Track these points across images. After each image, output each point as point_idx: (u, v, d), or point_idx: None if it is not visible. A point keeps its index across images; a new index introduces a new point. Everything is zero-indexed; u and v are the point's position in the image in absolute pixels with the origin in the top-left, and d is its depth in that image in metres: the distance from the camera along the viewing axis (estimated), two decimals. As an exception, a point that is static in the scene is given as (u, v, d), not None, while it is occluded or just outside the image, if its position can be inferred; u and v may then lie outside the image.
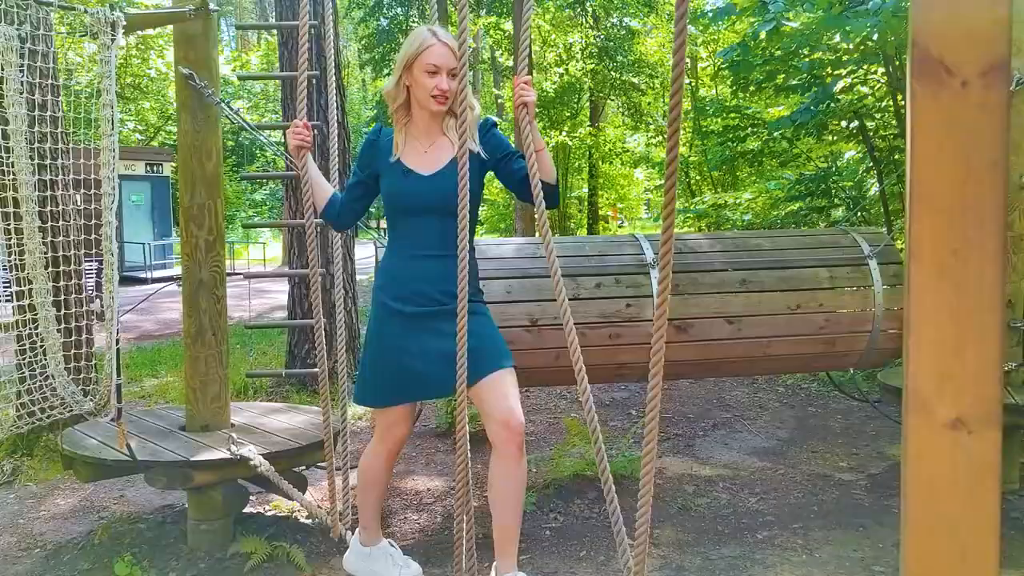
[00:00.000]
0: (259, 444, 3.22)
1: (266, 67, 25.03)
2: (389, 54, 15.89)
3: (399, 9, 15.93)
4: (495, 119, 2.89)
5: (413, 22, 15.77)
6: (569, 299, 3.50)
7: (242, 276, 4.86)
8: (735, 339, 3.62)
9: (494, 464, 2.65)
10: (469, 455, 2.57)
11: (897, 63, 6.24)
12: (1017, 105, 3.72)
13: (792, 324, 3.65)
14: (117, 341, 2.90)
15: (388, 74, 16.20)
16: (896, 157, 7.20)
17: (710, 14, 6.91)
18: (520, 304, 3.52)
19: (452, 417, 4.83)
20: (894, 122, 7.12)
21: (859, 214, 7.64)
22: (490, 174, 2.79)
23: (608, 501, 1.93)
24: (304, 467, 3.57)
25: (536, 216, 2.31)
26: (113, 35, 2.76)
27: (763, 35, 5.62)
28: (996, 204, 0.83)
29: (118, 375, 2.92)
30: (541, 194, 2.23)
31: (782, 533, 3.43)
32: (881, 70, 6.78)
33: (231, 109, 3.54)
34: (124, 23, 2.79)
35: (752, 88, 7.33)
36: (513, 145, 2.72)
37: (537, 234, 2.41)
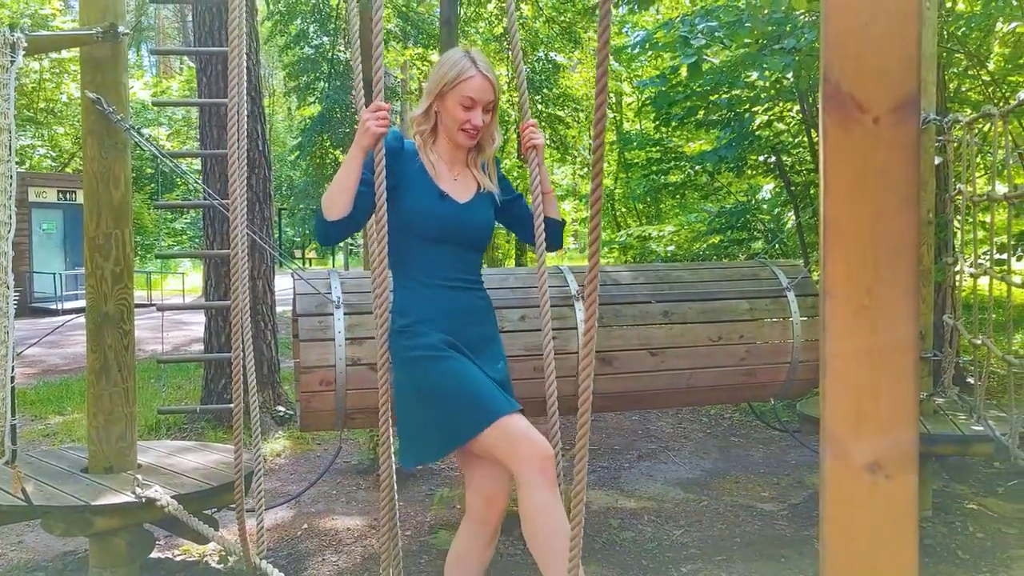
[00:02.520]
0: (167, 486, 3.07)
1: (187, 93, 24.53)
2: (314, 82, 15.73)
3: (324, 38, 15.82)
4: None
5: (339, 51, 15.67)
6: (492, 332, 3.46)
7: (156, 308, 4.66)
8: (658, 371, 3.63)
9: (532, 502, 2.15)
10: (395, 491, 2.48)
11: (811, 100, 6.45)
12: (924, 143, 3.86)
13: (714, 355, 3.68)
14: (12, 379, 2.72)
15: (314, 102, 16.08)
16: (811, 191, 7.43)
17: (635, 49, 7.03)
18: (443, 337, 3.45)
19: (374, 452, 4.71)
20: (809, 157, 7.35)
21: (777, 246, 7.83)
22: None
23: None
24: (216, 509, 3.41)
25: (537, 255, 2.44)
26: (12, 57, 2.62)
27: (684, 70, 5.74)
28: (909, 241, 0.82)
29: (13, 415, 2.74)
30: (543, 234, 2.40)
31: (706, 566, 3.42)
32: (796, 107, 6.99)
33: (142, 136, 3.40)
34: (25, 44, 2.65)
35: (674, 123, 7.47)
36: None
37: (538, 271, 2.44)
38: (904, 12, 0.79)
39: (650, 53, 7.66)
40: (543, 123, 15.31)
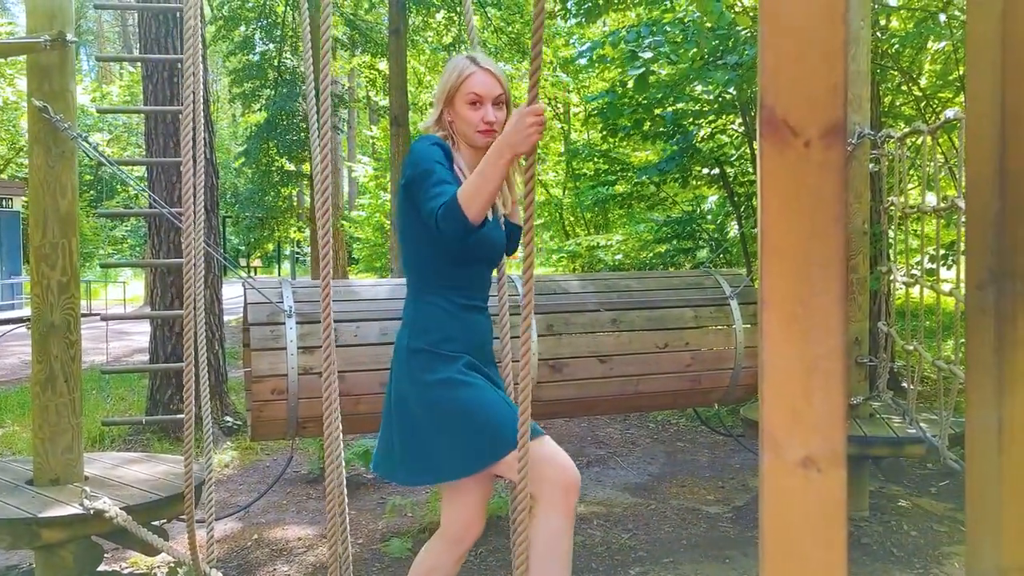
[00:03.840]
0: (115, 497, 3.04)
1: (128, 99, 24.05)
2: (260, 89, 15.59)
3: (270, 45, 15.69)
4: None
5: (286, 58, 15.56)
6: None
7: (99, 317, 4.60)
8: (607, 378, 3.71)
9: (549, 526, 2.13)
10: (346, 499, 2.50)
11: (752, 114, 6.63)
12: (859, 157, 4.02)
13: (661, 362, 3.78)
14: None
15: (260, 109, 15.93)
16: (754, 202, 7.62)
17: (583, 60, 7.16)
18: (395, 346, 3.48)
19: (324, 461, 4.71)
20: (751, 168, 7.55)
21: (721, 255, 8.02)
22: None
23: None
24: (165, 520, 3.38)
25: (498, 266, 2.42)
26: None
27: (631, 82, 5.86)
28: (839, 256, 0.89)
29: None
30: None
31: (653, 568, 3.50)
32: (739, 120, 7.19)
33: (90, 145, 3.37)
34: (-30, 51, 2.62)
35: (620, 134, 7.61)
36: None
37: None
38: (832, 47, 0.87)
39: (598, 65, 7.80)
40: (492, 132, 15.38)
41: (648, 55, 5.89)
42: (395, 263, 12.19)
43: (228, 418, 5.99)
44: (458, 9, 13.08)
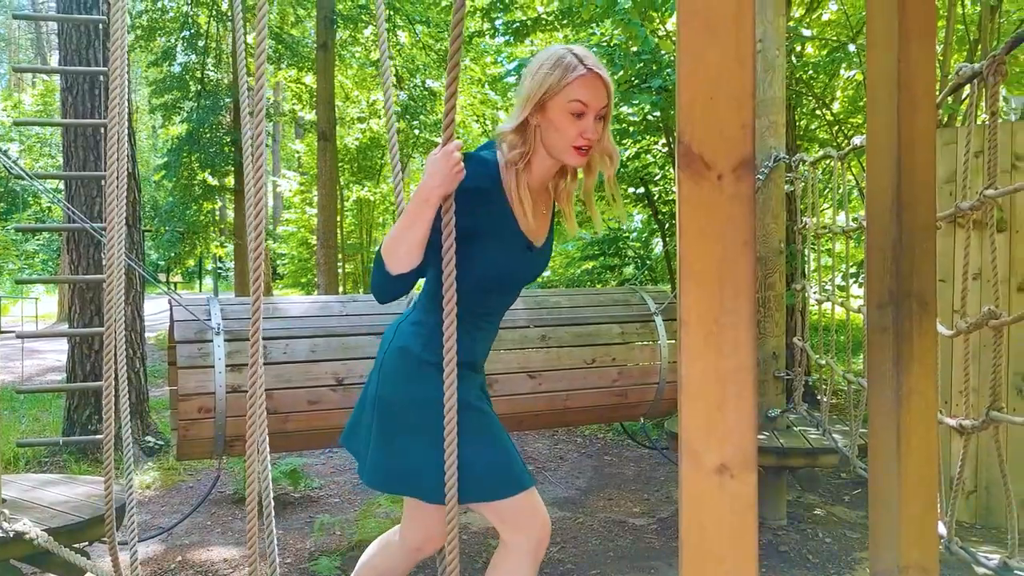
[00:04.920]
0: (34, 520, 2.95)
1: (41, 108, 23.24)
2: (181, 101, 15.28)
3: (192, 56, 15.41)
4: None
5: (209, 70, 15.30)
6: (376, 356, 3.53)
7: (15, 335, 4.45)
8: (537, 393, 3.78)
9: (517, 570, 2.08)
10: (274, 519, 2.50)
11: (676, 135, 6.84)
12: (775, 179, 4.21)
13: (588, 378, 3.87)
14: None
15: (184, 121, 15.60)
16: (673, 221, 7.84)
17: (511, 78, 7.28)
18: (326, 363, 3.49)
19: (251, 481, 4.65)
20: (674, 188, 7.76)
21: (646, 272, 8.21)
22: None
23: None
24: (86, 543, 3.30)
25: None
26: None
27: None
28: (748, 279, 0.97)
29: None
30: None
31: (581, 579, 3.57)
32: (662, 141, 7.40)
33: (7, 157, 3.29)
34: None
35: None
36: None
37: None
38: (742, 89, 0.96)
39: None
40: (419, 149, 15.44)
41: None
42: (322, 279, 12.11)
43: (149, 438, 5.85)
44: (387, 25, 13.10)
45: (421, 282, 2.05)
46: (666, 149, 7.45)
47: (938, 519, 1.75)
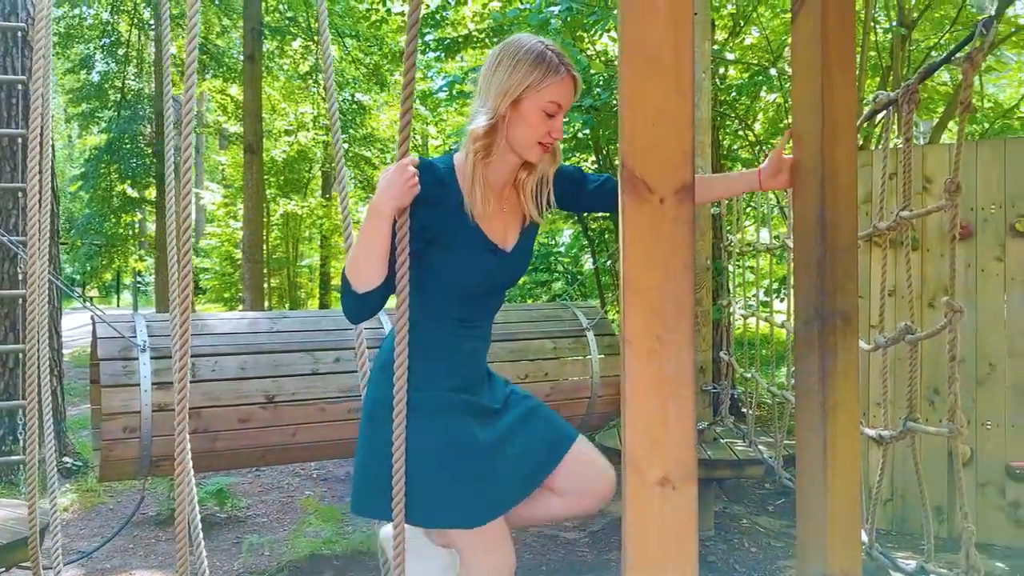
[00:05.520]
0: (-55, 548, 2.82)
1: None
2: (99, 110, 14.83)
3: (112, 64, 14.98)
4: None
5: (129, 79, 14.90)
6: (308, 374, 3.50)
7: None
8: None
9: None
10: (203, 541, 2.45)
11: (606, 152, 6.97)
12: (701, 198, 4.33)
13: (521, 393, 3.90)
14: None
15: (103, 131, 15.13)
16: (606, 236, 7.98)
17: (441, 94, 7.31)
18: (256, 381, 3.43)
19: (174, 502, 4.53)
20: (603, 205, 7.88)
21: (576, 288, 8.31)
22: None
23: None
24: (4, 569, 3.16)
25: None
26: None
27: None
28: (688, 298, 1.01)
29: None
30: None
31: (515, 594, 3.58)
32: (593, 158, 7.52)
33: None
34: None
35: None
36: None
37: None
38: (682, 117, 1.00)
39: (457, 99, 7.96)
40: (349, 163, 15.32)
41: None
42: (247, 294, 11.89)
43: (67, 459, 5.64)
44: (315, 38, 12.98)
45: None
46: (596, 166, 7.58)
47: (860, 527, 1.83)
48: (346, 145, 14.39)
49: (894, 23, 6.88)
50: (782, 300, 6.98)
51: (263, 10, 11.60)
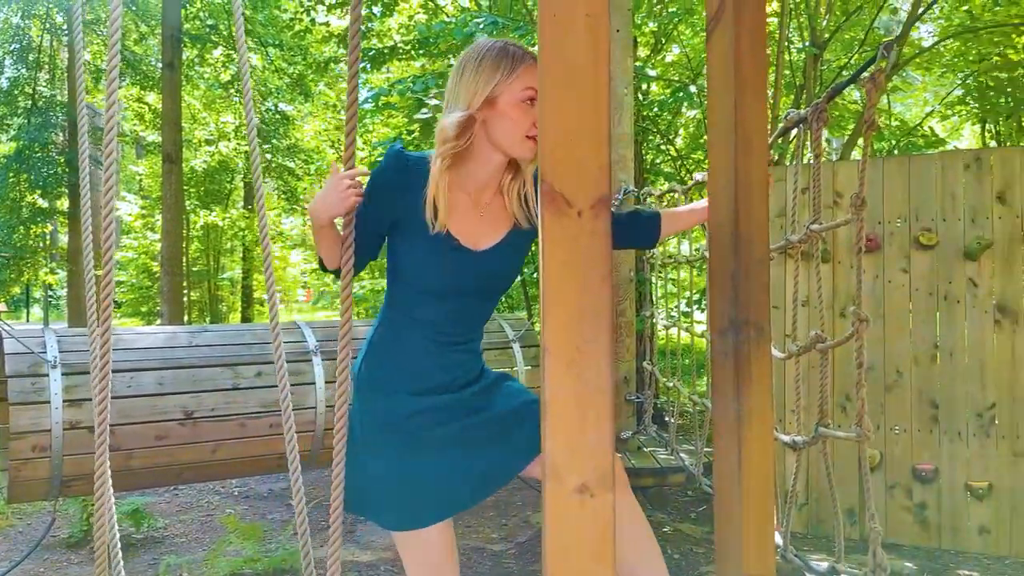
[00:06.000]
0: None
1: None
2: (8, 117, 14.25)
3: (23, 70, 14.43)
4: None
5: (41, 86, 14.38)
6: (228, 389, 3.43)
7: None
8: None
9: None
10: (121, 561, 2.37)
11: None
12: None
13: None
14: None
15: (13, 139, 14.54)
16: (533, 248, 8.04)
17: (367, 105, 7.26)
18: (174, 396, 3.35)
19: (88, 523, 4.36)
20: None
21: (503, 300, 8.35)
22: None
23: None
24: None
25: (270, 312, 2.04)
26: None
27: (417, 129, 6.06)
28: (606, 309, 1.04)
29: None
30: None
31: (442, 608, 3.57)
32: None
33: None
34: None
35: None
36: None
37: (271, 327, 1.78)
38: (598, 133, 1.03)
39: (383, 111, 7.93)
40: (272, 174, 15.09)
41: (435, 103, 6.12)
42: (166, 308, 11.56)
43: (-30, 481, 5.37)
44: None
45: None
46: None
47: (776, 530, 1.89)
48: (269, 156, 14.16)
49: (807, 43, 7.15)
50: (703, 311, 7.15)
51: (183, 17, 11.35)
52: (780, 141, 6.07)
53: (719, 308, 1.71)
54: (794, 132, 2.45)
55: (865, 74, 1.82)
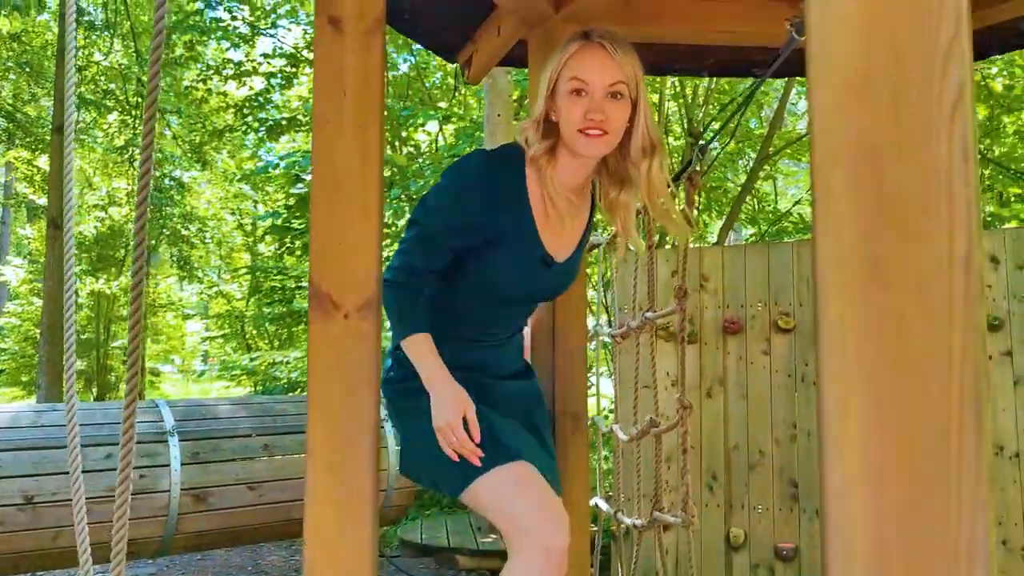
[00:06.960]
0: None
1: None
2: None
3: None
4: None
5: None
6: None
7: None
8: (257, 505, 3.64)
9: None
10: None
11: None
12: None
13: (313, 487, 3.80)
14: None
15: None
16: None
17: (262, 172, 7.26)
18: (13, 480, 3.16)
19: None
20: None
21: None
22: None
23: None
24: None
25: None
26: None
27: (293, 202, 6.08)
28: (370, 413, 1.05)
29: None
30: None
31: None
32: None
33: None
34: None
35: (297, 254, 7.71)
36: None
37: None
38: (367, 239, 1.06)
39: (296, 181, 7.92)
40: (166, 240, 14.73)
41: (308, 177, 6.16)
42: (44, 379, 10.99)
43: None
44: (133, 112, 12.56)
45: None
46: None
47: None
48: (161, 223, 13.84)
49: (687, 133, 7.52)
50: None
51: (78, 80, 11.11)
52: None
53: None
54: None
55: (684, 174, 1.93)
